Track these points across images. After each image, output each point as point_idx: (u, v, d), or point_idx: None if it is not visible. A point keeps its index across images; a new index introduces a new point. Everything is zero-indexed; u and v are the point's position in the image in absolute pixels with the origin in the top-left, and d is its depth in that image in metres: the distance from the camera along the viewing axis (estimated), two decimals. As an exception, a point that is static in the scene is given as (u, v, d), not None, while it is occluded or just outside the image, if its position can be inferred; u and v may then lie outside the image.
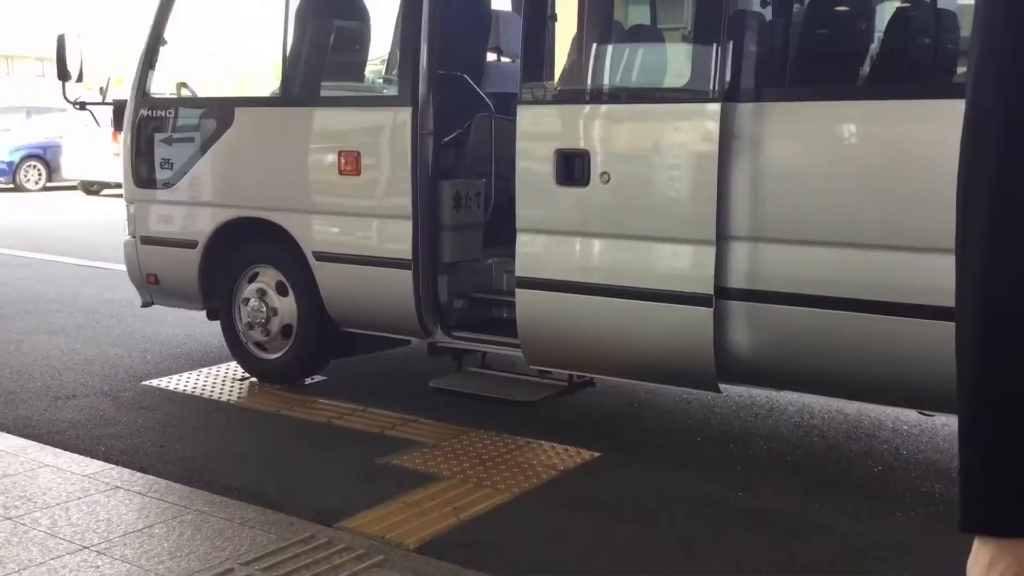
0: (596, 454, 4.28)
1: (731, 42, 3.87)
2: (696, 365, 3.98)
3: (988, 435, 1.03)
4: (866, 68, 4.02)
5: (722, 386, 4.14)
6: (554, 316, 4.32)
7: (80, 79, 5.64)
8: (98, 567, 3.02)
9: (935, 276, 3.22)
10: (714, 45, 3.90)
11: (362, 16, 5.47)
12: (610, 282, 4.15)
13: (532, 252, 4.35)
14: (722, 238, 3.84)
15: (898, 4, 4.11)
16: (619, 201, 4.10)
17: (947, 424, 4.58)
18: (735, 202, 3.82)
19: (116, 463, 4.01)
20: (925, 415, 4.07)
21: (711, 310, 3.87)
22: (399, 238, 4.73)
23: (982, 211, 1.03)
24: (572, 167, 4.13)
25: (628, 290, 4.10)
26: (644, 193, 4.09)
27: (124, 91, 5.85)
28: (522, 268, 4.35)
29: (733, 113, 3.80)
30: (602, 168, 4.07)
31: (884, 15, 4.13)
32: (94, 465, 3.93)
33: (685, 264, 3.97)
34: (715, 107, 3.81)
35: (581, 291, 4.22)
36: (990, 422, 1.02)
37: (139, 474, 3.87)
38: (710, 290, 3.87)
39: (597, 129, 4.24)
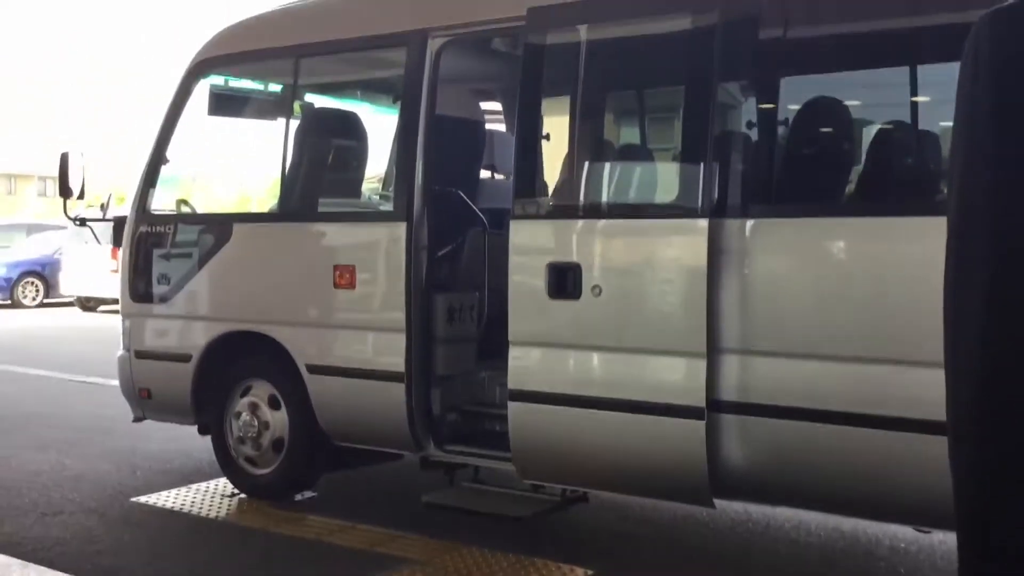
0: (590, 572, 4.20)
1: (717, 160, 3.97)
2: (689, 479, 3.94)
3: (981, 519, 1.02)
4: (850, 186, 4.12)
5: (717, 501, 4.10)
6: (546, 429, 4.31)
7: (82, 196, 5.75)
8: None
9: (926, 389, 3.23)
10: (701, 163, 4.00)
11: (359, 135, 5.61)
12: (602, 395, 4.15)
13: (524, 365, 4.36)
14: (713, 351, 3.86)
15: (880, 125, 4.23)
16: (610, 314, 4.13)
17: (944, 541, 4.51)
18: (725, 315, 3.85)
19: (100, 581, 3.93)
20: (922, 532, 4.02)
21: (703, 423, 3.86)
22: (393, 351, 4.74)
23: (975, 307, 1.04)
24: (564, 280, 4.18)
25: (620, 403, 4.10)
26: (635, 306, 4.13)
27: (125, 208, 5.95)
28: (514, 381, 4.36)
29: (721, 228, 3.87)
30: (593, 281, 4.12)
31: (867, 135, 4.25)
32: (77, 584, 3.85)
33: (677, 377, 3.98)
34: (703, 223, 3.89)
35: (574, 404, 4.21)
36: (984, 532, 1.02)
37: (123, 593, 3.79)
38: (702, 403, 3.87)
39: (588, 243, 4.30)
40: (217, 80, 5.83)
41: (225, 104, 5.94)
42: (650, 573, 4.26)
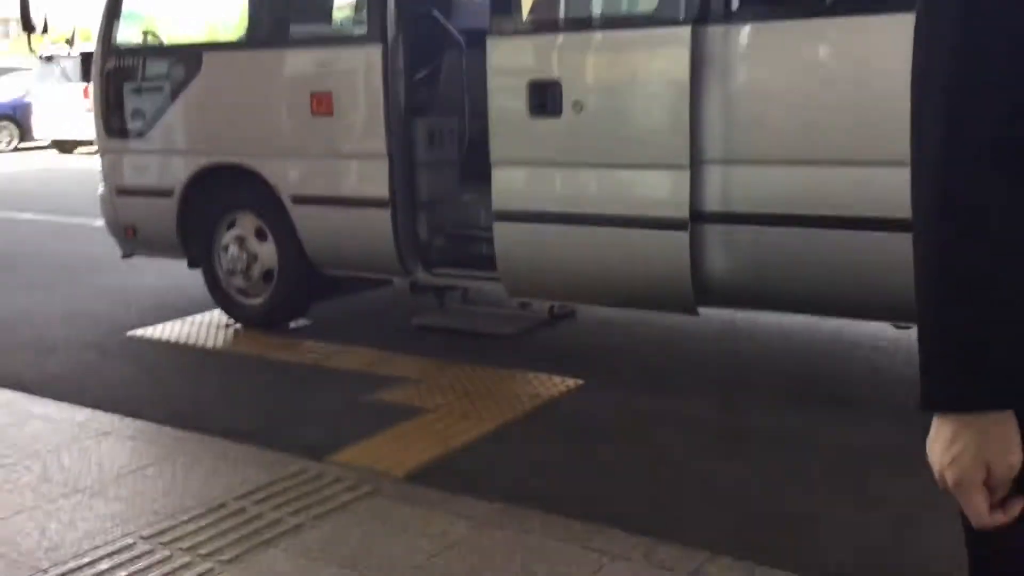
0: (579, 382, 4.34)
1: None
2: (674, 289, 4.03)
3: (945, 312, 1.06)
4: None
5: (701, 310, 4.20)
6: (532, 247, 4.36)
7: (45, 31, 5.58)
8: (92, 508, 3.07)
9: (907, 189, 3.26)
10: None
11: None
12: (586, 211, 4.19)
13: (508, 185, 4.37)
14: (696, 162, 3.87)
15: None
16: (592, 129, 4.11)
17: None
18: (708, 125, 3.84)
19: (105, 410, 4.04)
20: (901, 327, 4.14)
21: (687, 234, 3.91)
22: (375, 178, 4.74)
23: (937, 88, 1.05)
24: (544, 97, 4.14)
25: (604, 218, 4.13)
26: (617, 120, 4.10)
27: (91, 44, 5.78)
28: (498, 201, 4.38)
29: (703, 36, 3.80)
30: (574, 97, 4.08)
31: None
32: (84, 413, 3.96)
33: (660, 189, 4.00)
34: (684, 30, 3.82)
35: (558, 221, 4.25)
36: (947, 298, 1.05)
37: (129, 419, 3.90)
38: (686, 214, 3.90)
39: (568, 59, 4.23)
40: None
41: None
42: (638, 381, 4.40)
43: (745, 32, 3.84)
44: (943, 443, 1.08)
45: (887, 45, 3.55)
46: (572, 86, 4.10)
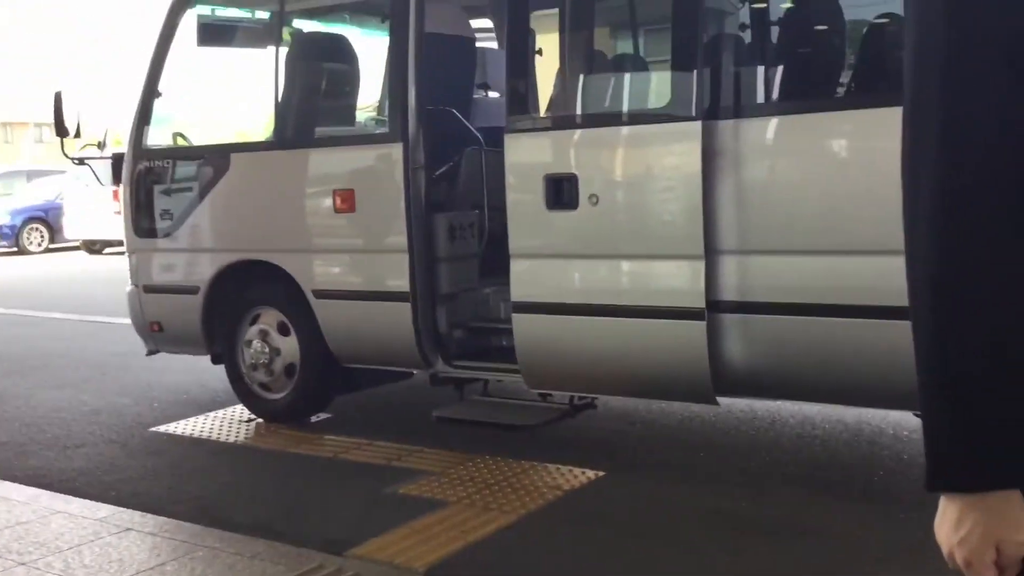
0: (601, 473, 4.32)
1: (708, 64, 3.98)
2: (693, 379, 4.03)
3: (947, 393, 1.07)
4: (839, 81, 4.12)
5: (721, 399, 4.19)
6: (550, 338, 4.39)
7: (78, 135, 5.76)
8: (112, 605, 3.06)
9: None
10: (692, 67, 4.00)
11: (350, 57, 5.58)
12: (604, 302, 4.22)
13: (526, 277, 4.42)
14: (711, 252, 3.92)
15: (870, 19, 4.21)
16: (608, 222, 4.18)
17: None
18: (721, 216, 3.90)
19: (127, 506, 4.06)
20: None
21: (704, 323, 3.94)
22: (396, 272, 4.81)
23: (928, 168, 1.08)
24: (561, 191, 4.22)
25: (622, 308, 4.17)
26: (632, 212, 4.17)
27: (123, 147, 5.96)
28: (517, 293, 4.43)
29: (713, 130, 3.89)
30: (590, 191, 4.16)
31: (857, 30, 4.24)
32: (105, 509, 3.98)
33: (676, 280, 4.04)
34: (696, 125, 3.90)
35: (576, 312, 4.29)
36: (950, 378, 1.07)
37: (150, 515, 3.91)
38: (702, 304, 3.93)
39: (583, 153, 4.33)
40: (204, 10, 5.80)
41: (213, 34, 5.91)
42: (659, 472, 4.37)
43: (754, 126, 3.92)
44: (951, 523, 1.08)
45: (896, 134, 3.60)
46: (588, 179, 4.18)
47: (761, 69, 4.24)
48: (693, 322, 3.97)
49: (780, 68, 4.19)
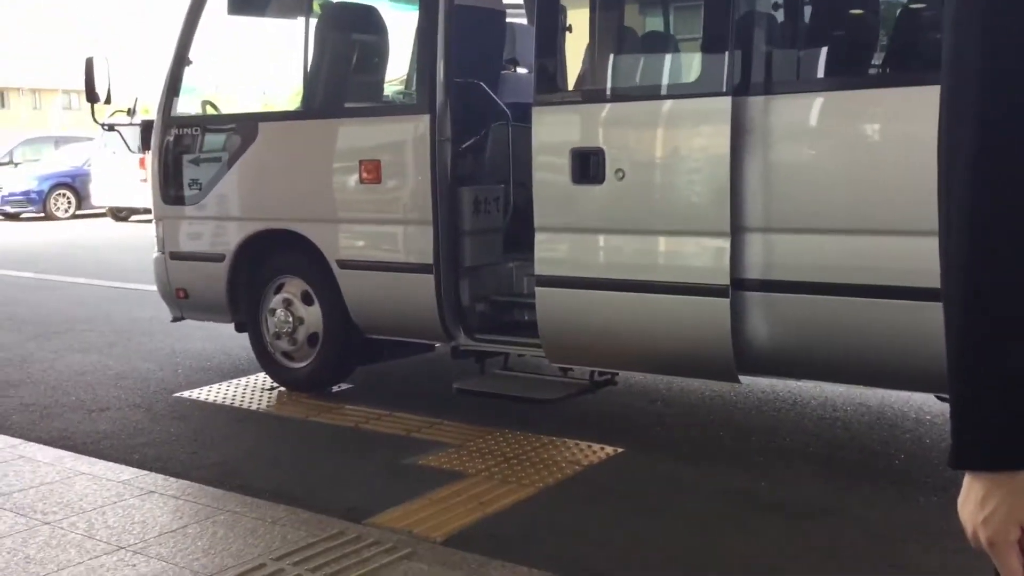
0: (620, 449, 4.33)
1: (739, 39, 3.95)
2: (715, 356, 4.03)
3: (976, 371, 1.06)
4: (871, 59, 4.08)
5: (743, 378, 4.18)
6: (573, 313, 4.39)
7: (108, 101, 5.79)
8: (134, 566, 3.10)
9: None
10: (722, 43, 3.97)
11: (380, 28, 5.58)
12: (628, 277, 4.22)
13: (550, 251, 4.42)
14: (736, 229, 3.90)
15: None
16: (634, 197, 4.17)
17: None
18: (748, 193, 3.88)
19: (150, 469, 4.11)
20: (944, 399, 4.08)
21: (728, 300, 3.93)
22: (420, 244, 4.81)
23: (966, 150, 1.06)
24: (587, 165, 4.21)
25: (646, 284, 4.16)
26: (659, 188, 4.15)
27: (151, 115, 5.99)
28: (541, 267, 4.42)
29: (743, 107, 3.86)
30: (617, 165, 4.15)
31: (891, 8, 4.19)
32: (128, 472, 4.03)
33: (701, 256, 4.03)
34: (725, 101, 3.88)
35: (599, 287, 4.28)
36: (977, 357, 1.06)
37: (172, 479, 3.96)
38: (727, 281, 3.92)
39: (611, 128, 4.31)
40: (235, -22, 5.80)
41: (244, 3, 5.91)
42: (678, 450, 4.38)
43: (785, 103, 3.88)
44: (975, 502, 1.08)
45: (927, 114, 3.57)
46: (615, 154, 4.17)
47: (793, 46, 4.19)
48: (717, 299, 3.96)
49: (812, 46, 4.15)
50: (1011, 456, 1.05)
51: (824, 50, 4.08)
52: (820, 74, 4.00)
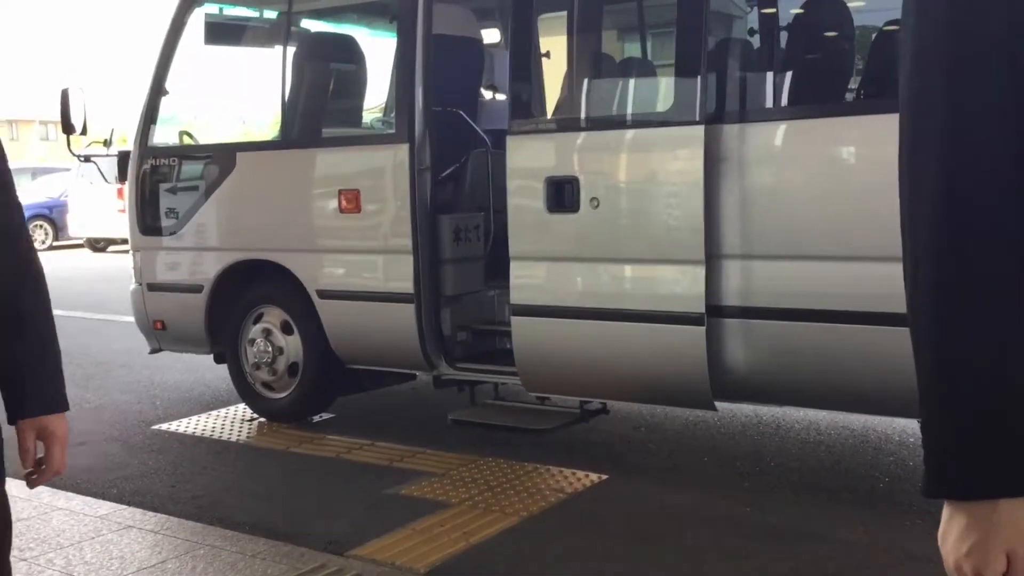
0: (604, 476, 4.31)
1: (712, 69, 3.99)
2: (691, 384, 4.02)
3: (952, 395, 1.04)
4: (841, 88, 4.14)
5: (726, 406, 4.18)
6: (549, 342, 4.38)
7: (84, 132, 5.75)
8: (112, 602, 3.05)
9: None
10: (696, 72, 4.00)
11: (358, 57, 5.58)
12: (603, 305, 4.22)
13: (526, 279, 4.42)
14: (711, 257, 3.91)
15: (877, 26, 4.21)
16: (609, 225, 4.18)
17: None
18: (722, 221, 3.89)
19: (128, 504, 4.05)
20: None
21: (703, 328, 3.92)
22: (400, 273, 4.80)
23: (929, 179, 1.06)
24: (562, 194, 4.22)
25: (621, 313, 4.16)
26: (633, 216, 4.16)
27: (129, 145, 5.96)
28: (517, 296, 4.42)
29: (716, 135, 3.88)
30: (592, 194, 4.15)
31: (864, 36, 4.23)
32: (106, 506, 3.97)
33: (676, 284, 4.03)
34: (699, 130, 3.89)
35: (575, 316, 4.29)
36: (952, 382, 1.04)
37: (151, 513, 3.90)
38: (702, 309, 3.92)
39: (585, 156, 4.31)
40: (211, 8, 5.79)
41: (221, 33, 5.91)
42: (663, 476, 4.36)
43: (757, 131, 3.90)
44: (958, 533, 1.04)
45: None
46: (590, 182, 4.17)
47: (765, 75, 4.24)
48: (692, 327, 3.95)
49: (784, 74, 4.18)
50: (993, 484, 1.02)
51: (796, 78, 4.11)
52: (792, 102, 4.02)
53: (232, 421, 5.52)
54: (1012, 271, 1.01)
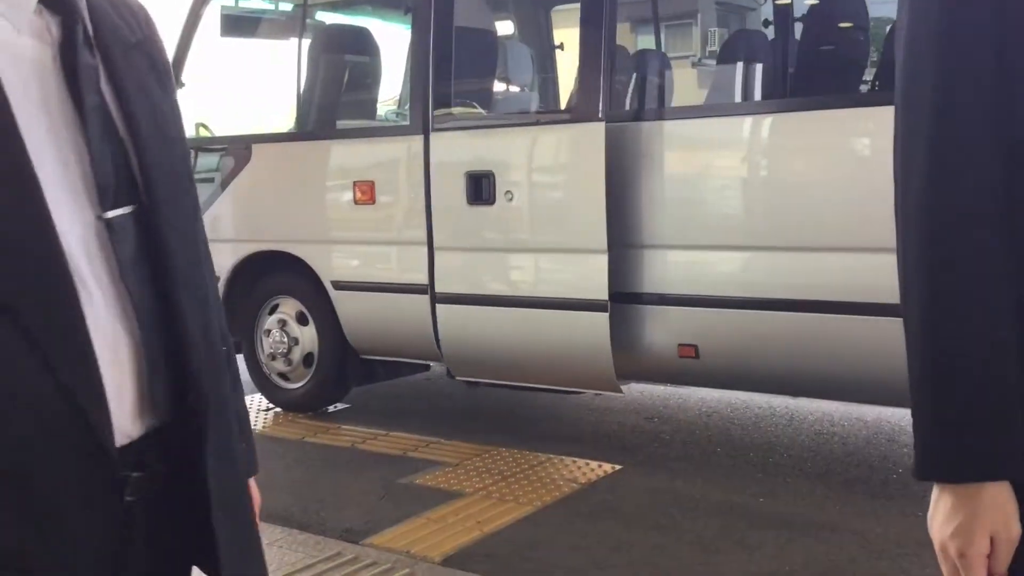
0: (617, 467, 4.33)
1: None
2: (597, 367, 4.23)
3: (941, 380, 1.06)
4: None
5: (734, 395, 4.22)
6: (470, 328, 4.62)
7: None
8: (131, 588, 3.08)
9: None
10: (598, 72, 4.21)
11: (373, 50, 5.60)
12: (516, 293, 4.48)
13: (447, 268, 4.64)
14: (613, 246, 4.12)
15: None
16: (522, 216, 4.45)
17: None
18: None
19: (146, 492, 4.08)
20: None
21: (607, 315, 4.14)
22: (415, 265, 4.82)
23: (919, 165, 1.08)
24: (480, 187, 4.46)
25: (533, 300, 4.43)
26: (543, 208, 4.44)
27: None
28: (439, 284, 4.62)
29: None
30: (506, 187, 4.39)
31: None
32: (124, 494, 4.00)
33: (582, 273, 4.24)
34: (600, 126, 4.11)
35: (492, 303, 4.54)
36: (941, 366, 1.06)
37: (168, 501, 3.94)
38: (605, 296, 4.14)
39: (500, 152, 4.53)
40: (227, 1, 5.82)
41: (237, 25, 5.93)
42: (675, 466, 4.37)
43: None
44: (944, 515, 1.07)
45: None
46: (504, 177, 4.41)
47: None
48: (597, 313, 4.15)
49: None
50: (978, 468, 1.04)
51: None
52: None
53: (248, 411, 5.56)
54: (999, 259, 1.03)
